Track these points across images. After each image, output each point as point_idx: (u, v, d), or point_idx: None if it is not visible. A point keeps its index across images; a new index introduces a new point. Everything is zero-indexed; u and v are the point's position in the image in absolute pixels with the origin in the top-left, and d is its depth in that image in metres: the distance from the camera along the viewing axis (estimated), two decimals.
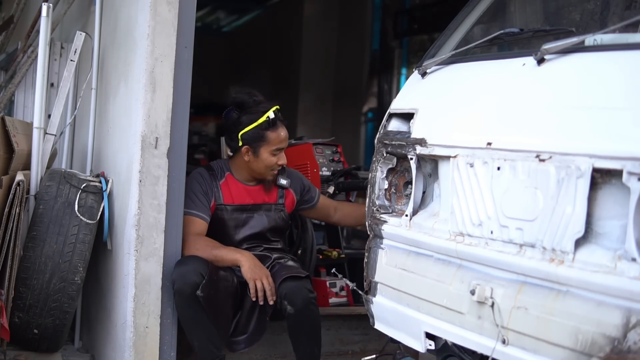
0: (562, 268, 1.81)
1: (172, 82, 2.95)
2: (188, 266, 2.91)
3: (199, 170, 3.21)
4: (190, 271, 2.89)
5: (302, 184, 3.33)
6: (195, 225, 3.08)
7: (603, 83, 1.87)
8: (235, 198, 3.18)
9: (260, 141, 3.11)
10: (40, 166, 3.20)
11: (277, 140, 3.11)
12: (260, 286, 2.94)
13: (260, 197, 3.22)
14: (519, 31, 2.39)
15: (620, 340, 1.65)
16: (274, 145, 3.11)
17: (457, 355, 2.26)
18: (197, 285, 2.86)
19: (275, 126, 3.11)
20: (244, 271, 2.98)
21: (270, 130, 3.10)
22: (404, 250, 2.40)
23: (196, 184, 3.13)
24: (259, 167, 3.14)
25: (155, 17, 2.90)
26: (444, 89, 2.45)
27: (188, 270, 2.89)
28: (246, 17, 11.22)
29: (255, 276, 2.95)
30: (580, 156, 1.79)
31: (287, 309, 2.94)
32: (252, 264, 2.99)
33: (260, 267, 3.01)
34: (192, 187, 3.12)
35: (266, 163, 3.12)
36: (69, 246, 2.97)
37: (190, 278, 2.87)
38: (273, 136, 3.11)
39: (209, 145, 7.78)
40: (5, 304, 2.81)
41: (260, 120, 3.09)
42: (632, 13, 2.39)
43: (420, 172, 2.40)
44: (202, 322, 2.92)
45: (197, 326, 2.92)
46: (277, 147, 3.12)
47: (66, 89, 3.40)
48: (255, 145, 3.11)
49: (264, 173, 3.17)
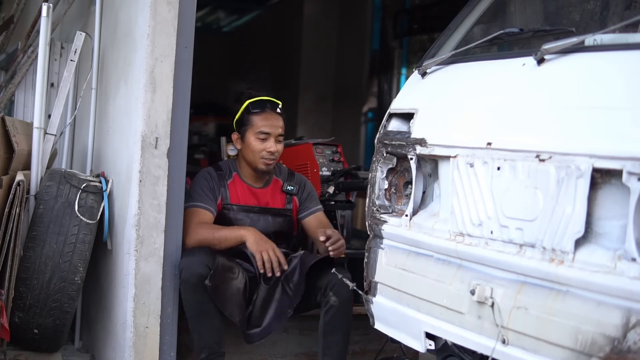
0: (562, 268, 1.81)
1: (172, 82, 2.95)
2: (194, 257, 2.90)
3: (207, 169, 3.20)
4: (196, 262, 2.87)
5: (305, 192, 3.25)
6: (199, 215, 3.05)
7: (603, 83, 1.87)
8: (241, 198, 3.16)
9: (246, 125, 3.10)
10: (40, 166, 3.20)
11: (261, 123, 3.08)
12: (267, 257, 2.89)
13: (266, 200, 3.19)
14: (519, 31, 2.39)
15: (620, 340, 1.65)
16: (258, 127, 3.08)
17: (457, 355, 2.26)
18: (202, 276, 2.83)
19: (262, 110, 3.09)
20: (249, 244, 2.94)
21: (255, 113, 3.09)
22: (404, 250, 2.40)
23: (203, 181, 3.12)
24: (247, 154, 3.12)
25: (155, 17, 2.91)
26: (444, 89, 2.45)
27: (194, 261, 2.88)
28: (246, 17, 11.22)
29: (261, 248, 2.91)
30: (580, 156, 1.79)
31: (330, 300, 2.88)
32: (256, 237, 2.95)
33: (266, 240, 2.96)
34: (200, 184, 3.11)
35: (252, 148, 3.09)
36: (69, 246, 2.97)
37: (196, 269, 2.85)
38: (257, 119, 3.09)
39: (209, 145, 7.77)
40: (5, 304, 2.81)
41: (246, 104, 3.10)
42: (632, 13, 2.39)
43: (420, 172, 2.40)
44: (207, 314, 2.88)
45: (200, 318, 2.89)
46: (261, 131, 3.07)
47: (66, 89, 3.40)
48: (243, 130, 3.11)
49: (253, 161, 3.12)
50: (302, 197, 3.25)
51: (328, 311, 2.91)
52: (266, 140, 3.09)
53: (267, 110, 3.11)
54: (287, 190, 3.21)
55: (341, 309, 2.88)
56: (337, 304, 2.88)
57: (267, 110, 3.11)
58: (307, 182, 3.33)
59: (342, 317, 2.91)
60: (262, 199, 3.19)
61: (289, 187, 3.21)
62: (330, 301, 2.88)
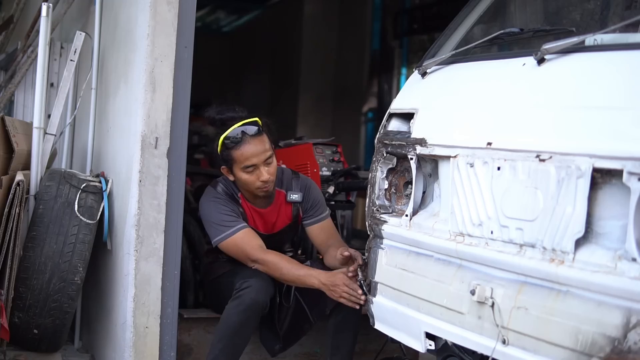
0: (562, 268, 1.81)
1: (172, 82, 2.95)
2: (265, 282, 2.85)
3: (215, 195, 3.01)
4: (264, 288, 2.83)
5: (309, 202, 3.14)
6: (249, 237, 2.94)
7: (603, 83, 1.87)
8: (250, 222, 3.04)
9: (229, 161, 2.94)
10: (40, 166, 3.20)
11: (243, 158, 2.89)
12: (348, 297, 2.76)
13: (272, 221, 3.10)
14: (519, 31, 2.38)
15: (620, 340, 1.65)
16: (242, 163, 2.90)
17: (457, 355, 2.26)
18: (260, 303, 2.80)
19: (239, 143, 2.90)
20: (326, 292, 2.82)
21: (233, 148, 2.91)
22: (404, 250, 2.40)
23: (221, 206, 2.97)
24: (242, 185, 2.99)
25: (155, 17, 2.91)
26: (444, 89, 2.45)
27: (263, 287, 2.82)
28: (246, 17, 11.22)
29: (337, 294, 2.78)
30: (580, 156, 1.79)
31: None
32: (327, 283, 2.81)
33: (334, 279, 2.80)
34: (219, 210, 2.96)
35: (244, 181, 2.94)
36: (68, 246, 2.97)
37: (261, 296, 2.81)
38: (237, 154, 2.90)
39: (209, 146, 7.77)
40: (5, 304, 2.81)
41: (221, 140, 2.93)
42: (632, 13, 2.39)
43: (420, 172, 2.39)
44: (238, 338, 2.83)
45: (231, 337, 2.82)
46: (245, 165, 2.90)
47: (66, 89, 3.40)
48: (229, 166, 2.96)
49: (251, 191, 2.99)
50: (306, 207, 3.14)
51: (340, 311, 2.90)
52: (255, 171, 2.92)
53: (245, 140, 2.90)
54: (292, 199, 3.10)
55: (353, 309, 2.84)
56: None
57: (245, 140, 2.90)
58: (312, 187, 3.19)
59: (353, 318, 2.91)
60: (269, 221, 3.10)
61: (292, 197, 3.10)
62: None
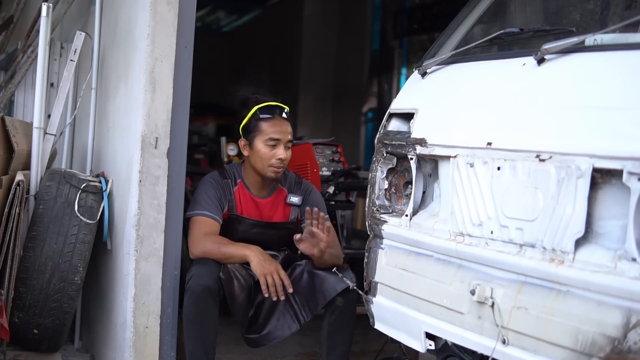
0: (562, 268, 1.81)
1: (172, 82, 2.95)
2: (205, 267, 2.85)
3: (213, 176, 3.09)
4: (206, 273, 2.83)
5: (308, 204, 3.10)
6: (205, 224, 2.97)
7: (603, 83, 1.87)
8: (244, 209, 3.08)
9: (254, 131, 3.01)
10: (40, 166, 3.20)
11: (270, 130, 2.98)
12: (272, 281, 2.83)
13: (268, 213, 3.11)
14: (519, 31, 2.39)
15: (620, 340, 1.65)
16: (267, 134, 2.97)
17: (457, 355, 2.26)
18: (209, 287, 2.80)
19: (271, 116, 3.00)
20: (253, 266, 2.87)
21: (264, 119, 3.00)
22: (404, 250, 2.40)
23: (210, 188, 3.03)
24: (256, 161, 3.02)
25: (155, 17, 2.91)
26: (444, 89, 2.45)
27: (204, 272, 2.83)
28: (246, 17, 11.23)
29: (266, 271, 2.84)
30: (580, 156, 1.79)
31: (336, 301, 2.85)
32: (260, 258, 2.88)
33: (270, 261, 2.88)
34: (206, 190, 3.02)
35: (261, 155, 3.00)
36: (68, 246, 2.97)
37: (205, 280, 2.81)
38: (265, 125, 2.99)
39: (209, 145, 7.78)
40: (5, 304, 2.81)
41: (254, 110, 3.02)
42: (632, 13, 2.39)
43: (420, 172, 2.40)
44: (203, 325, 2.84)
45: (197, 327, 2.84)
46: (271, 137, 2.97)
47: (66, 89, 3.40)
48: (250, 136, 3.02)
49: (262, 168, 3.02)
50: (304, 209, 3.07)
51: (333, 312, 2.89)
52: (276, 147, 3.00)
53: (276, 116, 3.01)
54: (291, 202, 3.12)
55: (346, 309, 2.86)
56: (343, 304, 2.86)
57: (276, 116, 3.01)
58: (312, 192, 3.20)
59: (347, 318, 2.89)
60: (265, 211, 3.11)
61: (292, 199, 3.12)
62: (336, 301, 2.86)
